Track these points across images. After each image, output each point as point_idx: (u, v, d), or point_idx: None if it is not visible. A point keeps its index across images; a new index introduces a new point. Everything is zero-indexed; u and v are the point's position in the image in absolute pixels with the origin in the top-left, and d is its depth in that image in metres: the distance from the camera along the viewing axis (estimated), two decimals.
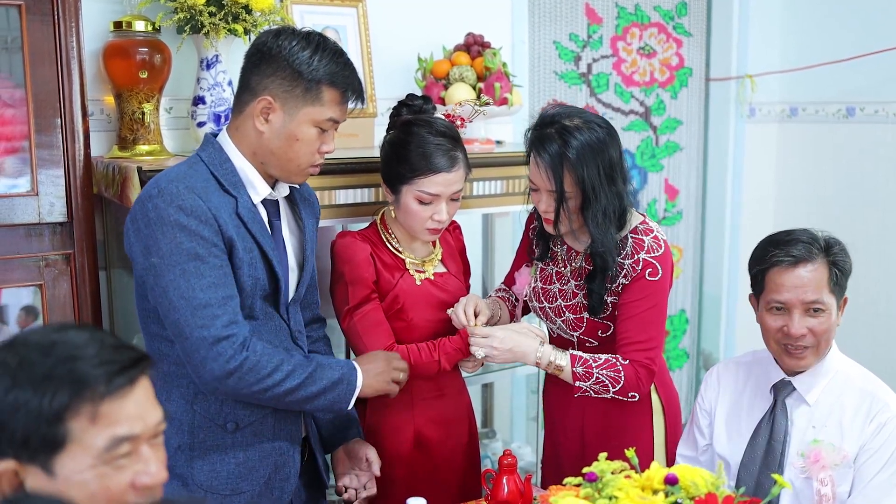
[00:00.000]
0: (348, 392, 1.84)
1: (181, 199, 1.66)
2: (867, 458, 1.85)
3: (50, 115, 2.02)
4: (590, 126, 1.94)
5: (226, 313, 1.67)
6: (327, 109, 1.74)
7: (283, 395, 1.74)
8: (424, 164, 1.96)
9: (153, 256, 1.67)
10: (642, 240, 2.00)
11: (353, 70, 1.79)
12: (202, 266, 1.66)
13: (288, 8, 2.58)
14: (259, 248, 1.75)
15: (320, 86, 1.72)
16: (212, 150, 1.77)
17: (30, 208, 2.02)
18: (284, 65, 1.71)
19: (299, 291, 1.89)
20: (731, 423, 2.03)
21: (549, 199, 1.97)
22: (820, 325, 1.85)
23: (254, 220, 1.76)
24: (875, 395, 1.89)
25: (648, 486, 1.43)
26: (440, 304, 2.09)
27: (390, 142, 2.05)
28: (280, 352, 1.77)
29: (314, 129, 1.74)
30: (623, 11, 3.55)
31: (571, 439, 2.17)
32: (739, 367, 2.08)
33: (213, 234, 1.67)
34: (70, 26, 2.02)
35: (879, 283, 3.44)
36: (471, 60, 2.69)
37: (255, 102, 1.73)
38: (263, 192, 1.79)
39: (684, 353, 3.95)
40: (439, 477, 2.11)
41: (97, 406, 1.06)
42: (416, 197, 1.98)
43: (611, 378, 1.98)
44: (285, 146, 1.74)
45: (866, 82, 3.46)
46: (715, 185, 3.85)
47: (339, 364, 1.86)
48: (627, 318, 2.00)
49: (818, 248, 1.87)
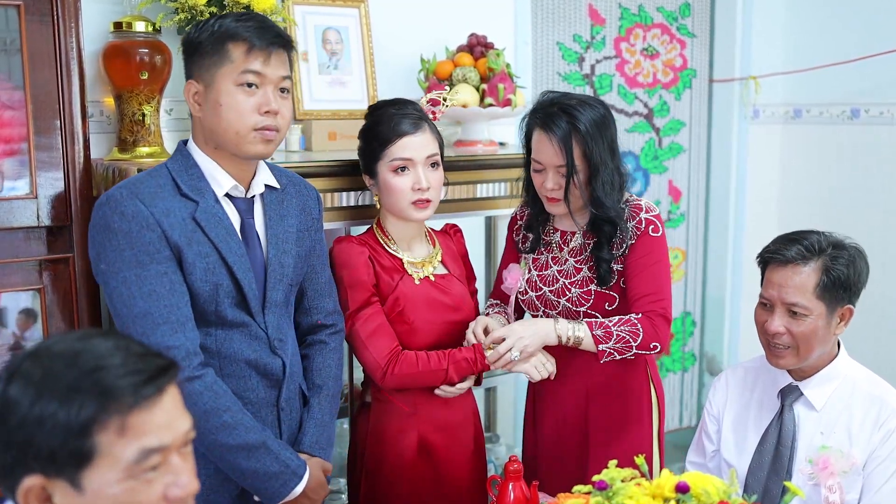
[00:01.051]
0: (277, 491, 1.75)
1: (123, 205, 1.65)
2: (876, 466, 1.83)
3: (49, 117, 1.99)
4: (589, 103, 2.04)
5: (167, 322, 1.65)
6: (239, 64, 1.70)
7: (212, 445, 1.70)
8: (390, 132, 2.00)
9: (101, 263, 1.67)
10: (639, 204, 2.09)
11: (259, 20, 1.76)
12: (143, 273, 1.64)
13: (289, 8, 2.56)
14: (218, 252, 1.71)
15: (224, 44, 1.71)
16: (179, 156, 1.78)
17: (28, 211, 1.99)
18: (196, 45, 1.73)
19: (272, 296, 1.81)
20: (739, 429, 2.01)
21: (556, 177, 2.02)
22: (798, 328, 1.84)
23: (216, 224, 1.72)
24: (884, 400, 1.87)
25: (659, 495, 1.40)
26: (442, 307, 2.07)
27: (361, 131, 2.10)
28: (232, 399, 1.70)
29: (236, 87, 1.71)
30: (626, 12, 3.52)
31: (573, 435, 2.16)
32: (748, 372, 2.07)
33: (155, 239, 1.66)
34: (69, 27, 1.99)
35: (884, 285, 3.42)
36: (474, 61, 2.67)
37: (185, 92, 1.75)
38: (227, 186, 1.76)
39: (690, 356, 3.93)
40: (444, 484, 2.08)
41: (125, 418, 1.04)
42: (391, 168, 2.00)
43: (630, 333, 2.00)
44: (215, 118, 1.72)
45: (871, 83, 3.44)
46: (718, 187, 3.83)
47: (289, 458, 1.76)
48: (636, 274, 2.05)
49: (816, 253, 1.85)
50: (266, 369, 1.80)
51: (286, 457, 1.76)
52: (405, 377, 1.98)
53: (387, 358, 1.97)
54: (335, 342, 1.98)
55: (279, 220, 1.84)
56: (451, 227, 2.27)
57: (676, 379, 3.89)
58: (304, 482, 1.78)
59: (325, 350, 1.96)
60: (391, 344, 1.99)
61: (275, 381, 1.83)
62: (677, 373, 3.89)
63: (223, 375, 1.76)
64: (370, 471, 2.08)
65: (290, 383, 1.86)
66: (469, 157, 2.48)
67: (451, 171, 2.35)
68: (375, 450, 2.07)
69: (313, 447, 1.88)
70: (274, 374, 1.82)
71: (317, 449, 1.88)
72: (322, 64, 2.62)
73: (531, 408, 2.28)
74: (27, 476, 1.03)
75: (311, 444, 1.88)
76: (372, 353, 1.98)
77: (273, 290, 1.81)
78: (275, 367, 1.82)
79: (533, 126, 2.06)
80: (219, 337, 1.75)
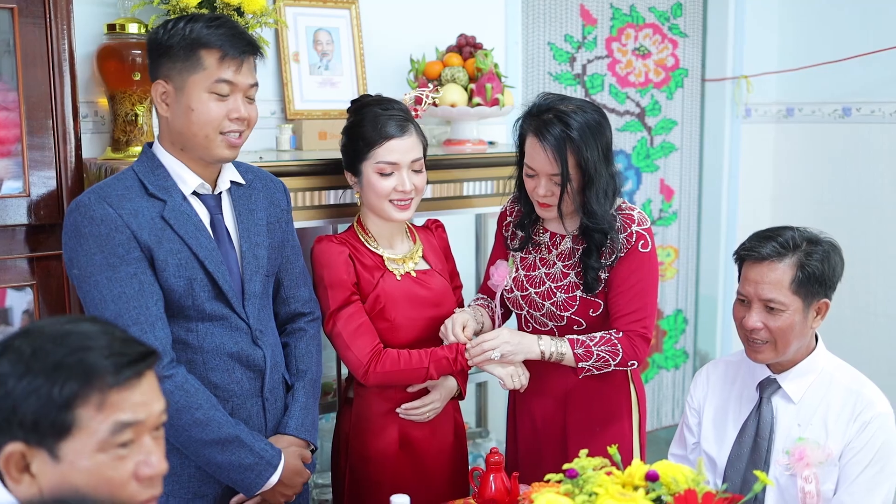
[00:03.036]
0: (253, 482, 1.79)
1: (92, 210, 1.69)
2: (852, 457, 1.86)
3: (42, 117, 2.04)
4: (584, 109, 2.00)
5: (137, 323, 1.68)
6: (212, 72, 1.73)
7: (186, 441, 1.74)
8: (377, 134, 2.01)
9: (74, 268, 1.72)
10: (631, 215, 2.07)
11: (230, 27, 1.78)
12: (114, 276, 1.68)
13: (280, 10, 2.60)
14: (189, 248, 1.75)
15: (197, 51, 1.73)
16: (144, 158, 1.81)
17: (22, 209, 2.04)
18: (164, 47, 1.74)
19: (250, 287, 1.85)
20: (719, 422, 2.04)
21: (548, 184, 2.01)
22: (775, 323, 1.87)
23: (185, 221, 1.76)
24: (860, 393, 1.90)
25: (630, 483, 1.44)
26: (423, 302, 2.10)
27: (345, 129, 2.11)
28: (204, 396, 1.74)
29: (207, 94, 1.74)
30: (618, 13, 3.56)
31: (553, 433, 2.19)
32: (728, 365, 2.10)
33: (125, 241, 1.69)
34: (62, 29, 2.03)
35: (877, 283, 3.45)
36: (463, 62, 2.71)
37: (153, 92, 1.77)
38: (193, 185, 1.80)
39: (682, 353, 3.96)
40: (426, 476, 2.12)
41: (105, 395, 1.11)
42: (376, 170, 2.02)
43: (610, 353, 2.04)
44: (186, 121, 1.75)
45: (862, 83, 3.47)
46: (711, 186, 3.86)
47: (263, 449, 1.81)
48: (621, 291, 2.06)
49: (790, 249, 1.88)
50: (249, 360, 1.84)
51: (260, 448, 1.80)
52: (387, 375, 2.02)
53: (369, 356, 2.01)
54: (314, 329, 2.03)
55: (248, 214, 1.88)
56: (433, 223, 2.30)
57: (669, 376, 3.92)
58: (280, 471, 1.82)
59: (304, 337, 2.00)
60: (373, 342, 2.03)
61: (258, 372, 1.87)
62: (669, 370, 3.92)
63: (207, 369, 1.80)
64: (354, 464, 2.12)
65: (274, 373, 1.90)
66: (456, 156, 2.52)
67: (439, 170, 2.39)
68: (358, 444, 2.10)
69: (299, 430, 1.92)
70: (257, 364, 1.86)
71: (302, 431, 1.92)
72: (313, 64, 2.67)
73: (512, 405, 2.31)
74: (10, 443, 1.10)
75: (296, 427, 1.92)
76: (354, 351, 2.01)
77: (250, 282, 1.85)
78: (257, 357, 1.85)
79: (527, 131, 2.04)
80: (200, 331, 1.79)
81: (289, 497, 1.88)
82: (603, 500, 1.34)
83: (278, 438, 1.89)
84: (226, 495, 1.85)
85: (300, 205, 2.24)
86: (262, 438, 1.84)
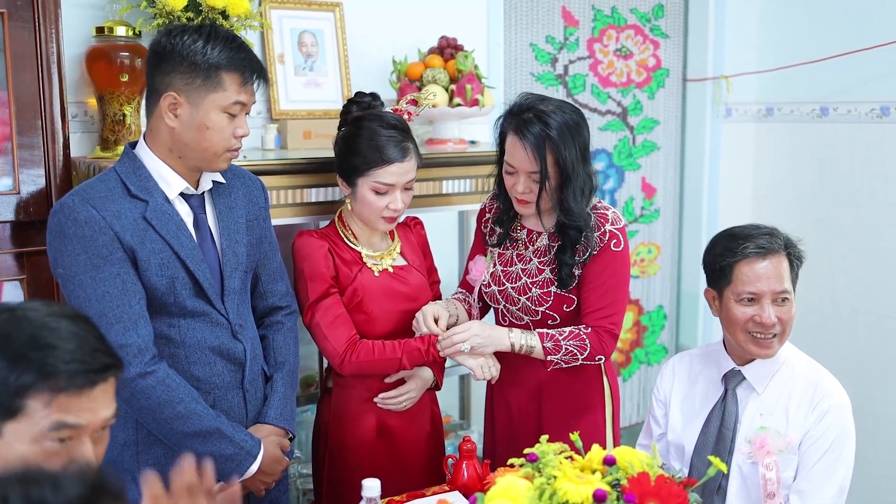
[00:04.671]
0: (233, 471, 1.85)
1: (76, 211, 1.74)
2: (810, 445, 1.93)
3: (31, 117, 2.10)
4: (563, 110, 2.06)
5: (119, 321, 1.74)
6: (231, 94, 1.80)
7: (168, 433, 1.80)
8: (378, 156, 2.06)
9: (59, 268, 1.77)
10: (605, 214, 2.13)
11: (249, 52, 1.85)
12: (98, 276, 1.73)
13: (265, 13, 2.66)
14: (170, 248, 1.81)
15: (219, 72, 1.78)
16: (126, 159, 1.85)
17: (11, 206, 2.11)
18: (180, 59, 1.78)
19: (230, 283, 1.91)
20: (686, 412, 2.11)
21: (527, 181, 2.06)
22: (787, 314, 1.94)
23: (167, 221, 1.81)
24: (819, 384, 1.97)
25: (588, 467, 1.51)
26: (400, 297, 2.17)
27: (343, 137, 2.15)
28: (185, 390, 1.80)
29: (222, 114, 1.81)
30: (599, 14, 3.62)
31: (528, 424, 2.25)
32: (693, 358, 2.16)
33: (108, 242, 1.74)
34: (50, 32, 2.10)
35: (854, 280, 3.51)
36: (444, 63, 2.77)
37: (161, 101, 1.80)
38: (179, 188, 1.85)
39: (662, 348, 4.03)
40: (402, 464, 2.19)
41: (54, 396, 1.17)
42: (372, 188, 2.08)
43: (578, 347, 2.10)
44: (198, 136, 1.80)
45: (839, 83, 3.53)
46: (692, 184, 3.93)
47: (243, 440, 1.87)
48: (592, 288, 2.12)
49: (779, 240, 1.96)
50: (229, 354, 1.91)
51: (240, 439, 1.87)
52: (362, 364, 2.09)
53: (345, 346, 2.08)
54: (291, 322, 2.10)
55: (228, 212, 1.94)
56: (412, 220, 2.37)
57: (650, 371, 3.99)
58: (259, 460, 1.89)
59: (282, 330, 2.07)
60: (349, 333, 2.10)
61: (238, 365, 1.93)
62: (651, 365, 3.99)
63: (189, 363, 1.86)
64: (333, 452, 2.19)
65: (253, 365, 1.97)
66: (437, 155, 2.58)
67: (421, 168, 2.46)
68: (337, 433, 2.18)
69: (278, 419, 1.99)
70: (237, 357, 1.93)
71: (281, 420, 2.00)
72: (298, 65, 2.73)
73: (490, 396, 2.38)
74: None
75: (275, 416, 1.99)
76: (331, 341, 2.08)
77: (230, 279, 1.92)
78: (237, 351, 1.92)
79: (507, 129, 2.09)
80: (182, 327, 1.86)
81: (268, 484, 1.95)
82: (560, 482, 1.41)
83: (258, 428, 1.96)
84: None
85: (284, 202, 2.30)
86: (241, 429, 1.90)
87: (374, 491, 1.63)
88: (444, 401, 2.96)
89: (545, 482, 1.43)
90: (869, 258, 3.45)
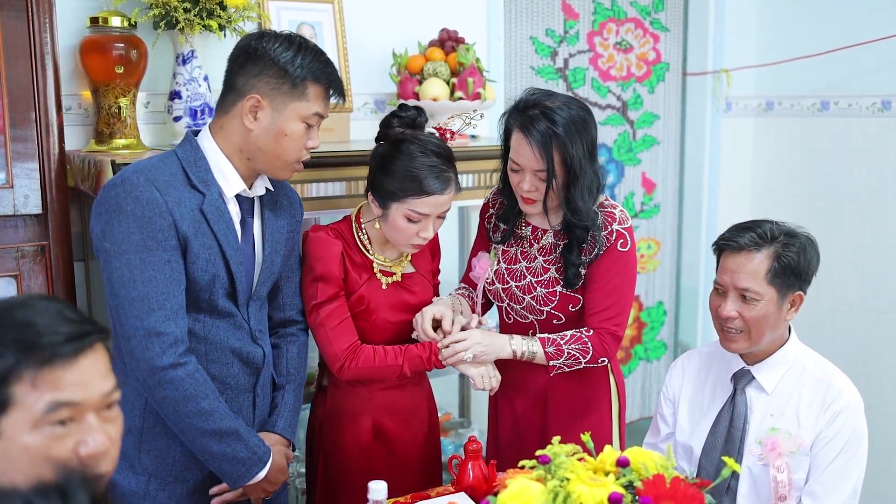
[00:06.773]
0: (242, 475, 1.84)
1: (139, 190, 1.71)
2: (823, 446, 1.90)
3: (24, 109, 2.06)
4: (570, 106, 2.00)
5: (162, 308, 1.71)
6: (313, 104, 1.81)
7: (186, 428, 1.77)
8: (417, 185, 1.97)
9: (106, 241, 1.72)
10: (613, 212, 2.09)
11: (334, 68, 1.87)
12: (148, 258, 1.70)
13: (264, 4, 2.62)
14: (219, 245, 1.79)
15: (305, 82, 1.79)
16: (188, 146, 1.83)
17: (5, 200, 2.06)
18: (270, 64, 1.78)
19: (259, 290, 1.92)
20: (694, 412, 2.08)
21: (533, 179, 2.00)
22: (749, 313, 1.91)
23: (219, 218, 1.80)
24: (831, 383, 1.94)
25: (601, 469, 1.48)
26: (404, 306, 2.13)
27: (382, 155, 2.03)
28: (211, 387, 1.78)
29: (301, 124, 1.81)
30: (600, 7, 3.59)
31: (533, 424, 2.22)
32: (703, 357, 2.14)
33: (166, 227, 1.72)
34: (44, 23, 2.05)
35: (853, 275, 3.50)
36: (444, 56, 2.73)
37: (242, 101, 1.79)
38: (237, 188, 1.84)
39: (662, 345, 4.00)
40: (398, 467, 2.14)
41: (38, 372, 1.10)
42: (405, 215, 2.00)
43: (580, 351, 2.07)
44: (274, 142, 1.80)
45: (840, 77, 3.51)
46: (692, 179, 3.91)
47: (257, 445, 1.86)
48: (597, 288, 2.08)
49: (768, 240, 1.92)
50: (248, 357, 1.91)
51: (255, 444, 1.85)
52: (361, 370, 2.05)
53: (346, 352, 2.04)
54: (304, 337, 2.10)
55: (274, 221, 1.94)
56: None
57: (650, 367, 3.97)
58: (267, 468, 1.87)
59: (297, 343, 2.07)
60: (351, 339, 2.05)
61: (254, 369, 1.93)
62: (651, 361, 3.97)
63: (208, 360, 1.84)
64: (328, 453, 2.15)
65: (267, 371, 1.97)
66: None
67: None
68: (332, 433, 2.14)
69: (286, 430, 1.98)
70: (255, 362, 1.92)
71: (289, 432, 1.99)
72: None
73: (494, 396, 2.34)
74: None
75: (284, 427, 1.98)
76: (334, 346, 2.03)
77: (261, 286, 1.92)
78: (256, 355, 1.92)
79: (512, 126, 2.02)
80: (207, 324, 1.84)
81: (268, 493, 1.93)
82: (573, 484, 1.37)
83: (266, 436, 1.94)
84: (206, 482, 1.89)
85: None
86: (256, 435, 1.88)
87: (381, 493, 1.60)
88: (443, 398, 2.93)
89: (558, 485, 1.40)
90: (870, 253, 3.43)
